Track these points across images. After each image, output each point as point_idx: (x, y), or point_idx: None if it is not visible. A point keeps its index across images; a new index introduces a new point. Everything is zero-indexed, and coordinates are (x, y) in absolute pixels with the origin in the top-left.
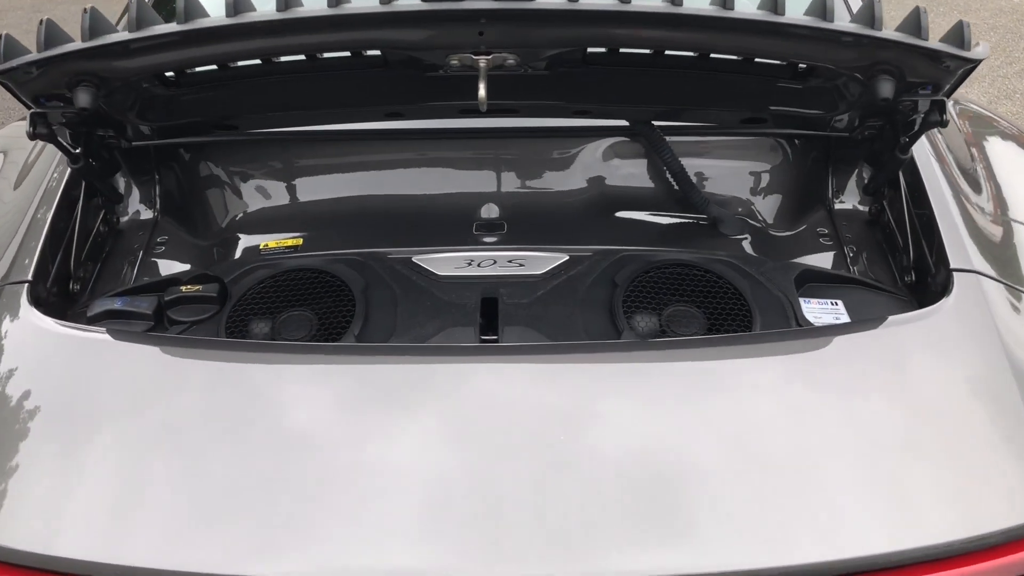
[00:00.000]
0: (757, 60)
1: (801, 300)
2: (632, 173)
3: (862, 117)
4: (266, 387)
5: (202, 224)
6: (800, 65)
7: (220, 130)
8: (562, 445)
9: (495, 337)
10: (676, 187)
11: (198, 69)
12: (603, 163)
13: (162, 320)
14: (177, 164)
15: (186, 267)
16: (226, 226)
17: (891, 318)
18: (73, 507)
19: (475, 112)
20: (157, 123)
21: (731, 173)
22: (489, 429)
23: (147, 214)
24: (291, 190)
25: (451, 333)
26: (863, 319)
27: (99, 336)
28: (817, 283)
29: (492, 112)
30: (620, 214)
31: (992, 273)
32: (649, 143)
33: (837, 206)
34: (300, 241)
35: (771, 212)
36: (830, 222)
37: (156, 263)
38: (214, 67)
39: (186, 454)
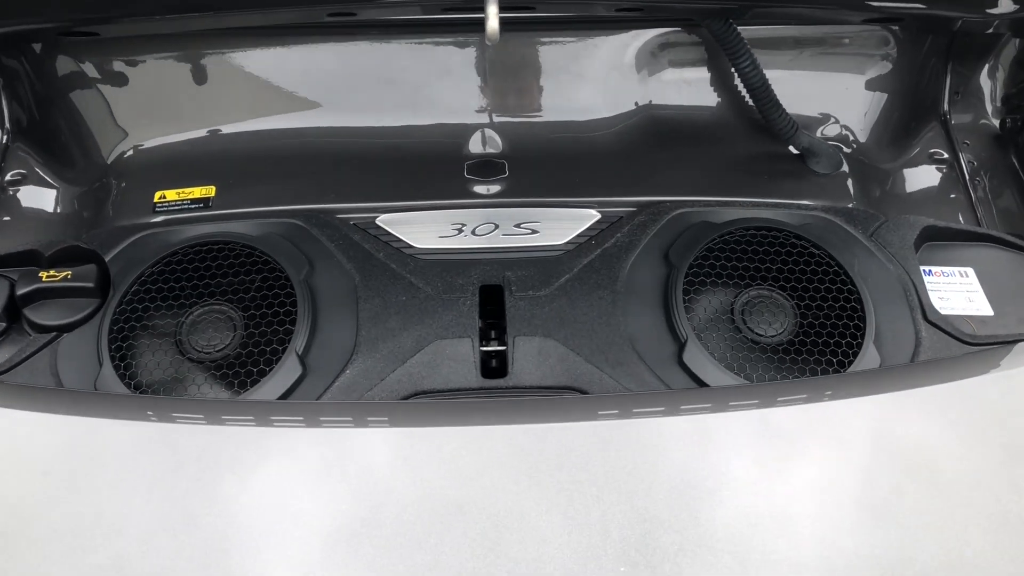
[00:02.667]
0: None
1: (922, 269)
2: (688, 86)
3: None
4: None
5: (78, 155)
6: None
7: (72, 37)
8: None
9: (502, 348)
10: (753, 105)
11: None
12: (647, 72)
13: (18, 319)
14: (28, 61)
15: (53, 218)
16: (112, 162)
17: None
18: None
19: (466, 8)
20: None
21: (810, 74)
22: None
23: None
24: (200, 112)
25: (438, 349)
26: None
27: None
28: (939, 241)
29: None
30: (670, 147)
31: None
32: (722, 45)
33: (954, 118)
34: (212, 191)
35: (866, 129)
36: (946, 139)
37: (15, 202)
38: None
39: None
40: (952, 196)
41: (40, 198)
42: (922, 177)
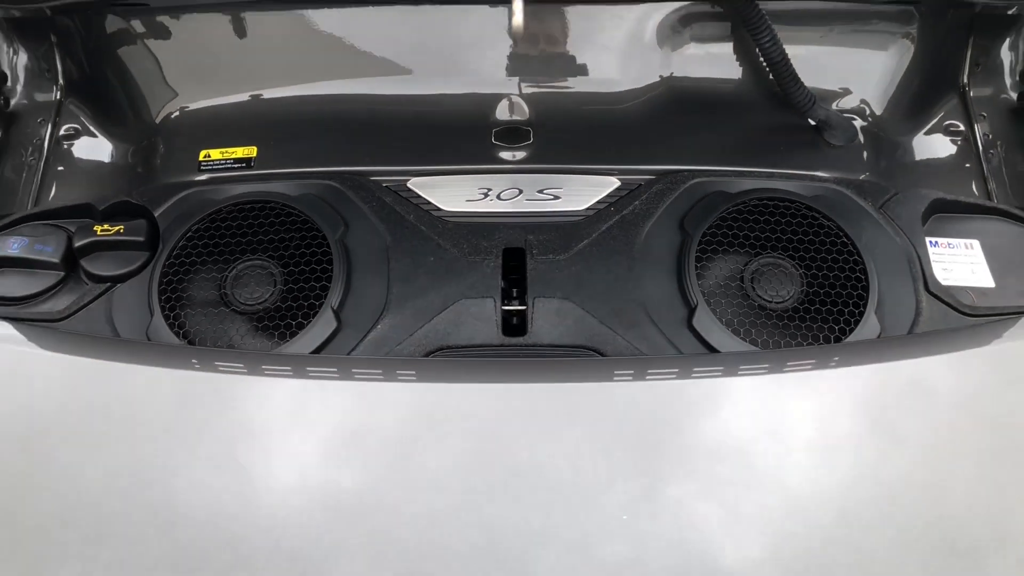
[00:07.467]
0: None
1: (927, 241)
2: (709, 59)
3: None
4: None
5: (128, 113)
6: None
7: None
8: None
9: (522, 308)
10: (772, 79)
11: None
12: (669, 46)
13: (76, 270)
14: (79, 21)
15: (105, 172)
16: (160, 121)
17: None
18: None
19: None
20: None
21: (829, 48)
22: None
23: (46, 94)
24: (243, 75)
25: (462, 308)
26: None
27: None
28: (948, 213)
29: None
30: (690, 118)
31: None
32: (742, 20)
33: (973, 91)
34: (254, 151)
35: (883, 102)
36: (963, 111)
37: (69, 156)
38: None
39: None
40: (965, 167)
41: (93, 153)
42: (936, 148)
